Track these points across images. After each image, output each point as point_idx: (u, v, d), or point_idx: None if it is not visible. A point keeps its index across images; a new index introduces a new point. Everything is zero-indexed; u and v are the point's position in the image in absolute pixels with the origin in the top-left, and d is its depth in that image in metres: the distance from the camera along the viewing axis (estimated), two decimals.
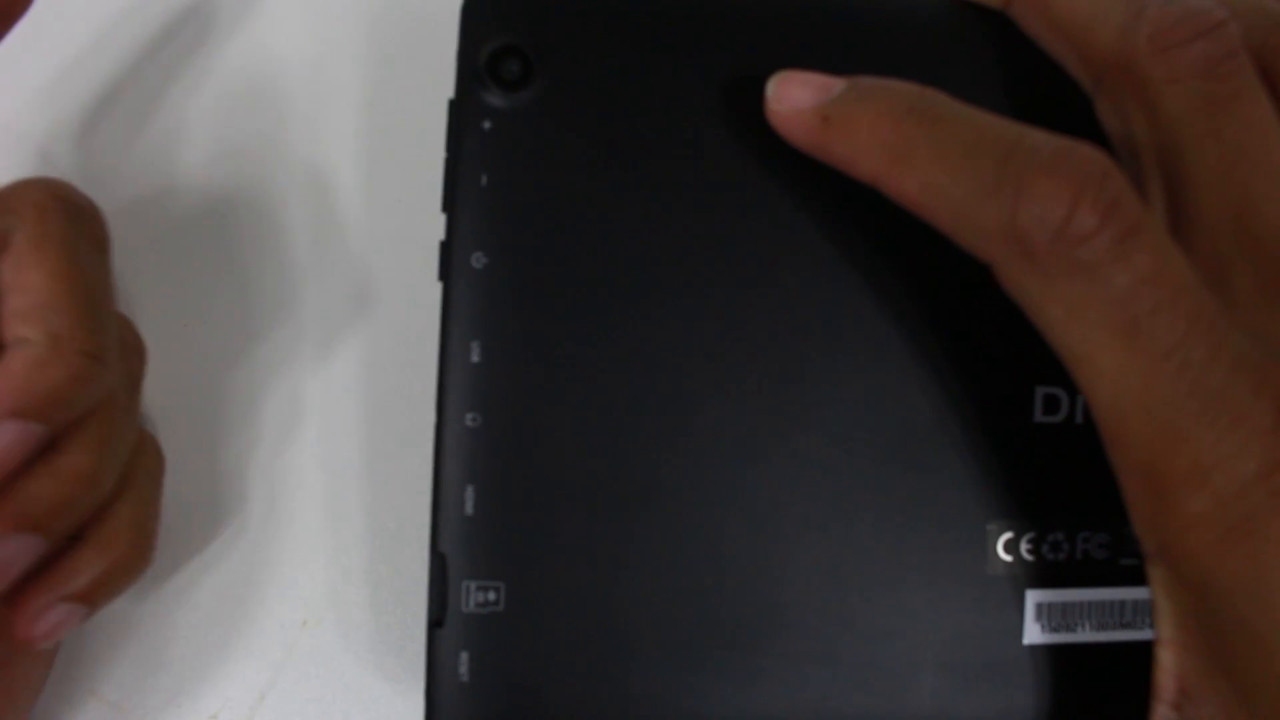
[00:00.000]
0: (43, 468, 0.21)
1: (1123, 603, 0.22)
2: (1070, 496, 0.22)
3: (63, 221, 0.23)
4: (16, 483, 0.21)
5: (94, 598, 0.23)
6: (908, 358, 0.22)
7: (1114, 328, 0.18)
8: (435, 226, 0.22)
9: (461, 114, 0.22)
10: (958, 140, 0.19)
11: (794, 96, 0.21)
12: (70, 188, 0.24)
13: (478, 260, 0.21)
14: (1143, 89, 0.20)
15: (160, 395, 0.27)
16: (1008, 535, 0.22)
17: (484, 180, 0.21)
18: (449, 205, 0.21)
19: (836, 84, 0.20)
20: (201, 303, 0.27)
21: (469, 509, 0.21)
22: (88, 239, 0.24)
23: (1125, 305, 0.18)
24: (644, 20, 0.22)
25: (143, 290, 0.27)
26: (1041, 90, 0.22)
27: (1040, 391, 0.22)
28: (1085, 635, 0.22)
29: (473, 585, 0.21)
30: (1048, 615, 0.22)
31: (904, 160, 0.19)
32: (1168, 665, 0.19)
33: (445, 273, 0.21)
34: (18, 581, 0.21)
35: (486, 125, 0.21)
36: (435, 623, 0.21)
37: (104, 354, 0.22)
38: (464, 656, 0.21)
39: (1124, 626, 0.22)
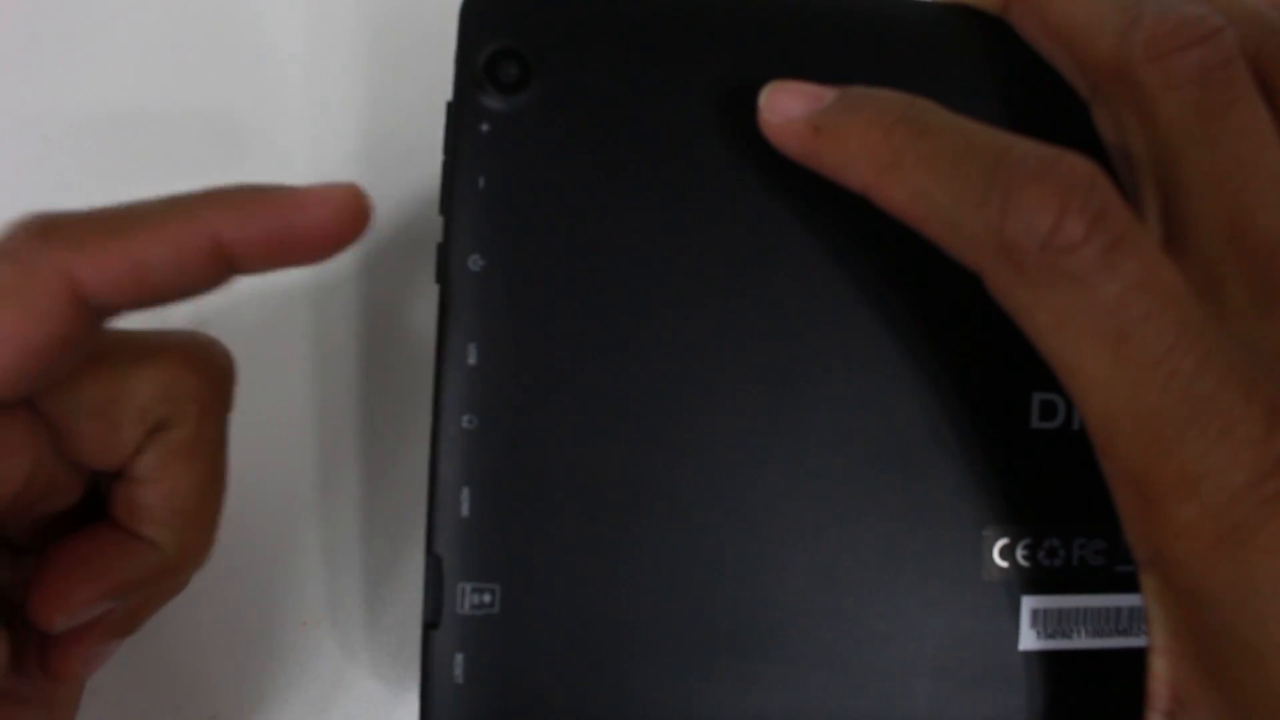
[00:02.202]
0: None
1: (1118, 609, 0.23)
2: (1066, 503, 0.22)
3: (221, 425, 0.23)
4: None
5: (134, 627, 0.23)
6: (904, 364, 0.22)
7: (1103, 336, 0.18)
8: (433, 228, 0.22)
9: (459, 117, 0.22)
10: (946, 150, 0.19)
11: (785, 106, 0.21)
12: (227, 362, 0.23)
13: (475, 263, 0.22)
14: (1138, 96, 0.20)
15: None
16: (1004, 541, 0.22)
17: (481, 183, 0.22)
18: (446, 208, 0.22)
19: (827, 94, 0.21)
20: (199, 302, 0.27)
21: (465, 511, 0.21)
22: (226, 415, 0.23)
23: (1114, 314, 0.18)
24: (641, 25, 0.22)
25: None
26: (1040, 98, 0.22)
27: (1037, 397, 0.22)
28: (1081, 642, 0.22)
29: (468, 587, 0.21)
30: (1043, 621, 0.22)
31: (893, 169, 0.20)
32: (1160, 673, 0.19)
33: (442, 275, 0.22)
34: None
35: (484, 128, 0.22)
36: (430, 624, 0.21)
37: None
38: (459, 658, 0.21)
39: (1119, 633, 0.23)
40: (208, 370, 0.22)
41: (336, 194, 0.20)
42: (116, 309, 0.20)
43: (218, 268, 0.20)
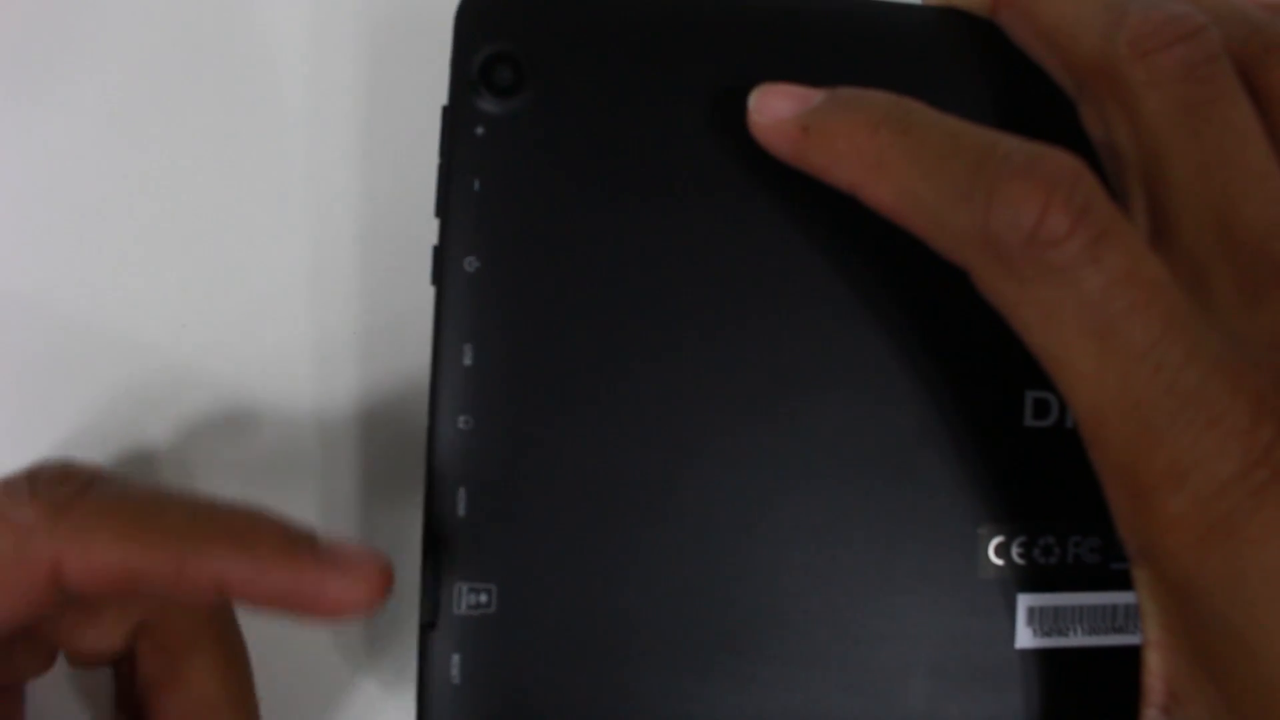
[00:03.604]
0: None
1: (1114, 607, 0.23)
2: (1061, 500, 0.23)
3: (217, 612, 0.22)
4: None
5: None
6: (898, 363, 0.22)
7: (1089, 330, 0.18)
8: (429, 231, 0.22)
9: (454, 120, 0.22)
10: (932, 148, 0.20)
11: (774, 108, 0.21)
12: None
13: (470, 264, 0.22)
14: (1124, 93, 0.20)
15: (158, 394, 0.27)
16: (999, 539, 0.22)
17: (476, 185, 0.22)
18: (442, 210, 0.22)
19: (815, 95, 0.21)
20: (189, 303, 0.27)
21: (461, 511, 0.22)
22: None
23: (1099, 307, 0.18)
24: (635, 29, 0.23)
25: (139, 290, 0.27)
26: (1029, 99, 0.23)
27: (1030, 396, 0.23)
28: (1077, 639, 0.23)
29: (465, 587, 0.21)
30: (1039, 619, 0.22)
31: (880, 168, 0.20)
32: (1155, 668, 0.20)
33: (438, 276, 0.22)
34: None
35: (479, 131, 0.22)
36: (427, 624, 0.21)
37: None
38: (455, 659, 0.21)
39: (1115, 631, 0.23)
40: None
41: (363, 568, 0.19)
42: (91, 596, 0.19)
43: (209, 597, 0.19)
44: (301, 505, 0.27)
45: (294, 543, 0.19)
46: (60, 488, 0.19)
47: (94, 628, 0.22)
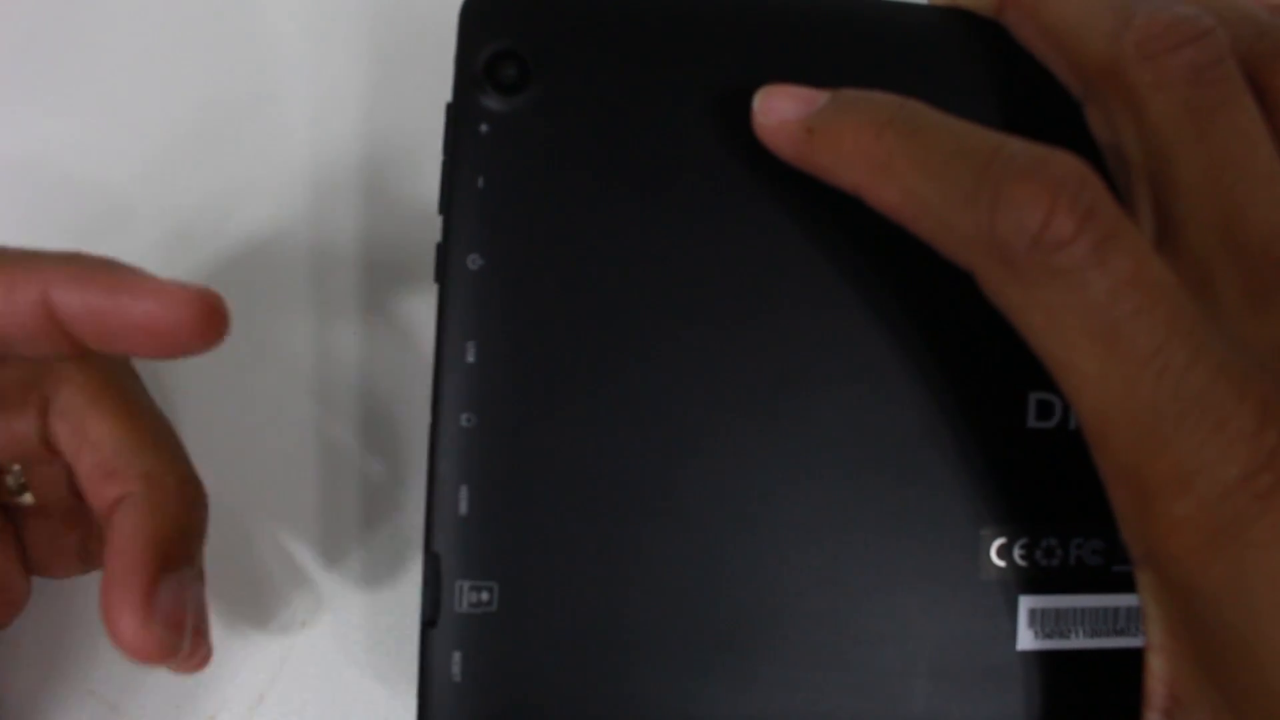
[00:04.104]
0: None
1: (1116, 609, 0.23)
2: (1064, 502, 0.23)
3: (108, 362, 0.23)
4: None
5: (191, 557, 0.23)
6: (902, 364, 0.22)
7: (1094, 333, 0.18)
8: (432, 228, 0.22)
9: (459, 117, 0.22)
10: (937, 149, 0.20)
11: (779, 109, 0.21)
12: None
13: (473, 262, 0.22)
14: (1130, 96, 0.20)
15: (157, 396, 0.27)
16: (1001, 541, 0.22)
17: (480, 183, 0.22)
18: (445, 207, 0.22)
19: (820, 96, 0.21)
20: None
21: (463, 509, 0.22)
22: (120, 363, 0.24)
23: (1104, 310, 0.18)
24: (640, 27, 0.23)
25: None
26: (1036, 100, 0.23)
27: (1033, 397, 0.23)
28: (1079, 642, 0.23)
29: (466, 585, 0.21)
30: (1041, 621, 0.22)
31: (885, 170, 0.20)
32: (1158, 671, 0.20)
33: (441, 274, 0.22)
34: None
35: (483, 129, 0.22)
36: (428, 622, 0.21)
37: (192, 467, 0.23)
38: (457, 656, 0.21)
39: (1117, 633, 0.23)
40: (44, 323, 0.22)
41: (181, 293, 0.20)
42: None
43: (48, 327, 0.20)
44: (302, 504, 0.27)
45: (112, 265, 0.20)
46: None
47: (4, 414, 0.22)
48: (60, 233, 0.27)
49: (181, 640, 0.21)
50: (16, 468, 0.24)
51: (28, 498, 0.24)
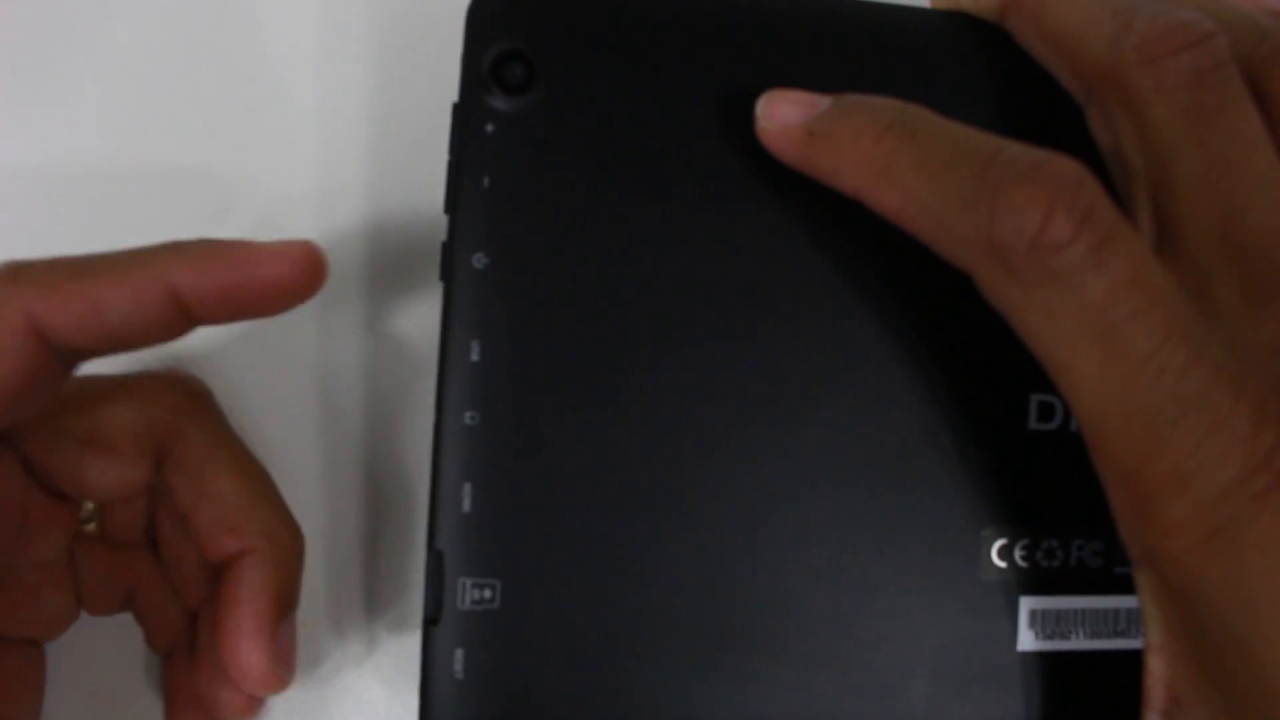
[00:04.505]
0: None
1: (1116, 611, 0.23)
2: (1064, 504, 0.23)
3: (221, 427, 0.25)
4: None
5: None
6: (903, 365, 0.23)
7: (1092, 334, 0.18)
8: (438, 227, 0.23)
9: (465, 117, 0.22)
10: (937, 153, 0.20)
11: (781, 113, 0.22)
12: (199, 381, 0.26)
13: (479, 261, 0.22)
14: (1131, 99, 0.21)
15: None
16: (1002, 541, 0.23)
17: (486, 182, 0.22)
18: (451, 207, 0.22)
19: (822, 101, 0.22)
20: None
21: (466, 506, 0.22)
22: (225, 419, 0.25)
23: (1102, 311, 0.18)
24: (645, 30, 0.23)
25: None
26: (1038, 104, 0.23)
27: (1034, 399, 0.23)
28: (1079, 643, 0.23)
29: (469, 582, 0.22)
30: (1041, 622, 0.23)
31: (885, 174, 0.20)
32: (1157, 672, 0.20)
33: (446, 273, 0.22)
34: None
35: (489, 128, 0.22)
36: (431, 620, 0.22)
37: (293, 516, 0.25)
38: (459, 654, 0.21)
39: (1118, 635, 0.23)
40: (180, 387, 0.25)
41: (292, 250, 0.22)
42: (79, 350, 0.21)
43: (175, 316, 0.21)
44: (304, 503, 0.27)
45: (227, 243, 0.22)
46: (3, 264, 0.21)
47: (116, 460, 0.23)
48: (60, 234, 0.28)
49: (292, 672, 0.24)
50: (91, 505, 0.25)
51: (91, 527, 0.25)
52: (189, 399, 0.25)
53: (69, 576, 0.24)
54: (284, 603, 0.24)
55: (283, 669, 0.24)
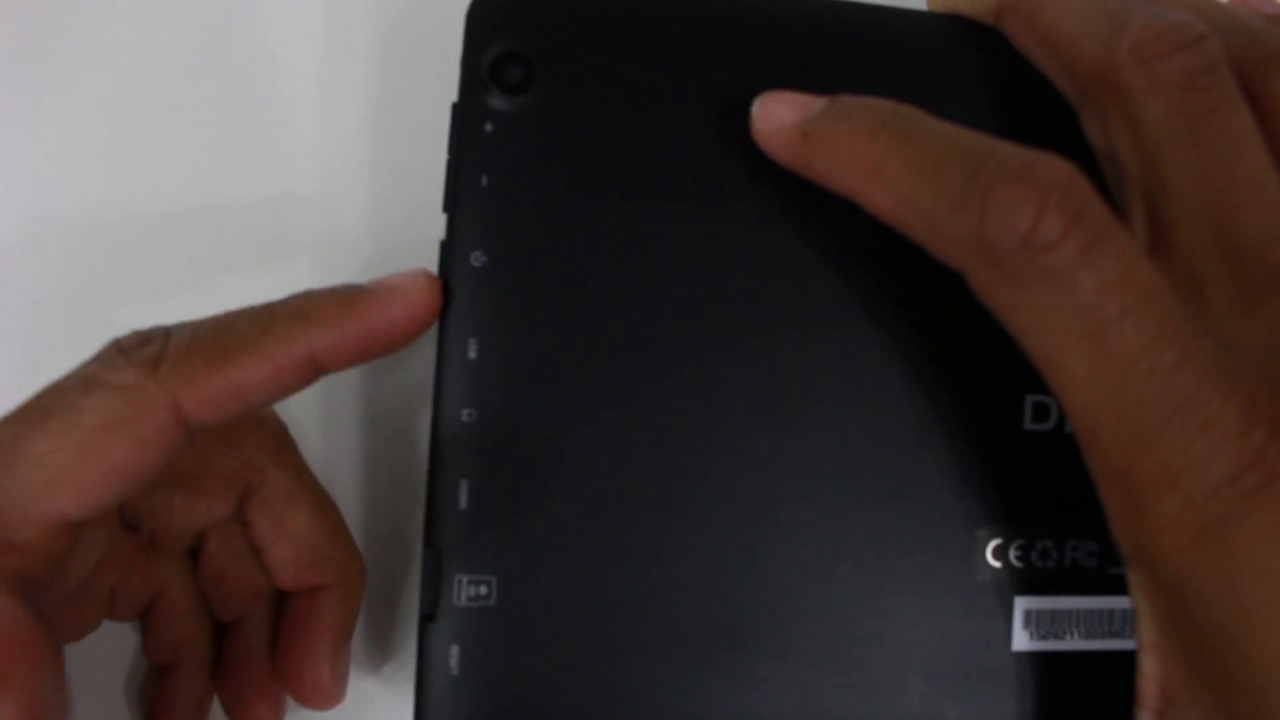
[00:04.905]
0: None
1: (1111, 611, 0.23)
2: (1059, 504, 0.23)
3: (298, 464, 0.26)
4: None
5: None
6: (899, 366, 0.23)
7: (1082, 333, 0.19)
8: (436, 225, 0.23)
9: (464, 117, 0.23)
10: (929, 154, 0.20)
11: (776, 115, 0.22)
12: (276, 416, 0.26)
13: (477, 259, 0.22)
14: (1124, 101, 0.21)
15: None
16: (996, 542, 0.23)
17: (484, 181, 0.22)
18: (450, 205, 0.23)
19: (817, 102, 0.22)
20: (202, 300, 0.28)
21: (463, 503, 0.22)
22: (298, 456, 0.26)
23: (1093, 310, 0.18)
24: (643, 30, 0.23)
25: (142, 289, 0.28)
26: (1034, 106, 0.23)
27: (1030, 399, 0.23)
28: (1074, 643, 0.23)
29: (465, 579, 0.22)
30: (1036, 622, 0.23)
31: (879, 174, 0.20)
32: (1150, 671, 0.20)
33: (445, 271, 0.22)
34: None
35: (488, 128, 0.23)
36: (427, 616, 0.22)
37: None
38: (455, 650, 0.22)
39: (1112, 635, 0.23)
40: (266, 427, 0.25)
41: (412, 293, 0.22)
42: (214, 425, 0.21)
43: (309, 377, 0.22)
44: None
45: (349, 296, 0.22)
46: (146, 347, 0.21)
47: (204, 500, 0.24)
48: (60, 235, 0.28)
49: (345, 691, 0.26)
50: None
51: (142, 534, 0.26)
52: (275, 438, 0.26)
53: (108, 589, 0.24)
54: (347, 633, 0.26)
55: (341, 690, 0.26)
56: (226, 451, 0.24)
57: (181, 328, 0.21)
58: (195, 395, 0.20)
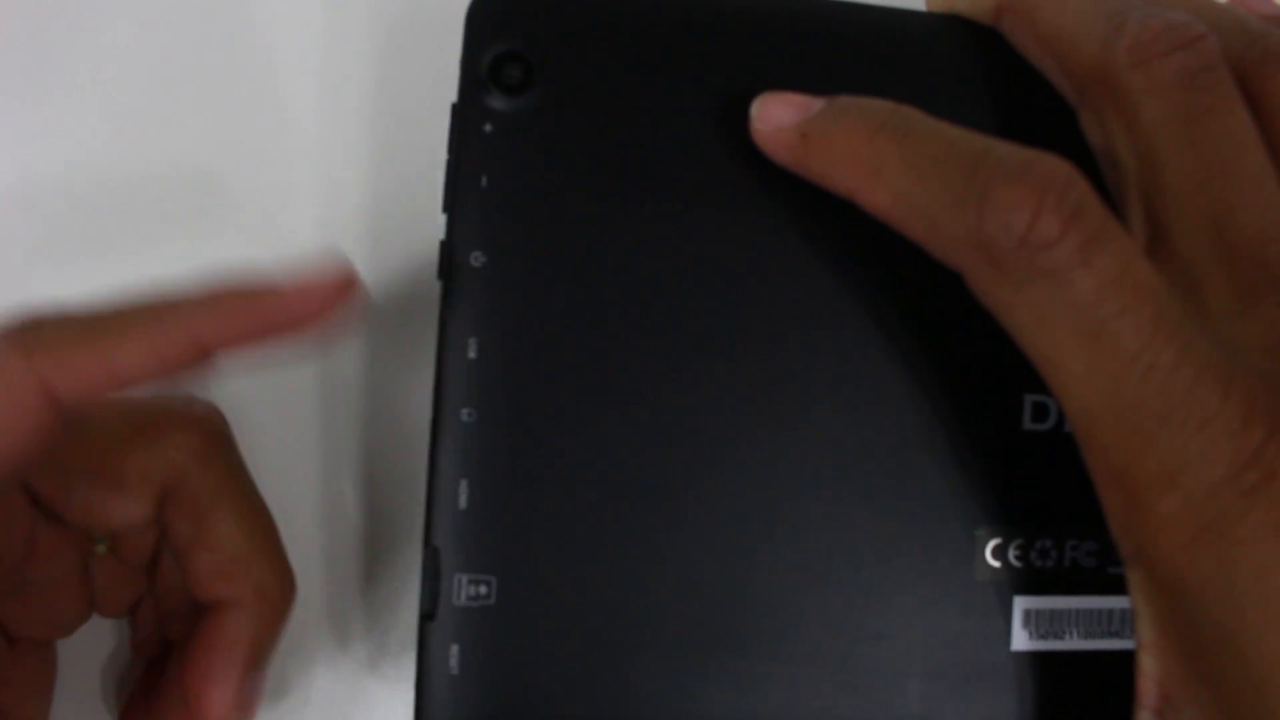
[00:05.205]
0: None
1: (1110, 611, 0.23)
2: (1058, 504, 0.23)
3: (232, 468, 0.25)
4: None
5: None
6: (898, 366, 0.23)
7: (1080, 332, 0.19)
8: (436, 226, 0.23)
9: (463, 117, 0.23)
10: (927, 153, 0.20)
11: (775, 115, 0.22)
12: (212, 413, 0.25)
13: (476, 259, 0.22)
14: (1123, 100, 0.21)
15: None
16: (996, 541, 0.23)
17: (484, 182, 0.23)
18: (449, 205, 0.23)
19: (815, 103, 0.22)
20: None
21: (463, 503, 0.22)
22: (238, 457, 0.25)
23: (1090, 309, 0.19)
24: (642, 31, 0.23)
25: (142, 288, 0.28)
26: (1032, 105, 0.23)
27: (1029, 399, 0.23)
28: (1073, 643, 0.23)
29: (465, 579, 0.22)
30: (1035, 622, 0.23)
31: (877, 174, 0.21)
32: (1148, 670, 0.20)
33: (444, 271, 0.23)
34: None
35: (487, 128, 0.23)
36: (427, 615, 0.22)
37: (289, 566, 0.25)
38: (454, 649, 0.22)
39: (1112, 635, 0.23)
40: (196, 426, 0.24)
41: (319, 288, 0.21)
42: (92, 404, 0.21)
43: (198, 364, 0.21)
44: (302, 504, 0.28)
45: (251, 286, 0.21)
46: (16, 325, 0.20)
47: (121, 498, 0.23)
48: (59, 235, 0.28)
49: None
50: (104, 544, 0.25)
51: (102, 549, 0.25)
52: (204, 439, 0.24)
53: (83, 585, 0.24)
54: (258, 656, 0.24)
55: (247, 714, 0.24)
56: (148, 447, 0.24)
57: (63, 306, 0.21)
58: (67, 374, 0.20)
